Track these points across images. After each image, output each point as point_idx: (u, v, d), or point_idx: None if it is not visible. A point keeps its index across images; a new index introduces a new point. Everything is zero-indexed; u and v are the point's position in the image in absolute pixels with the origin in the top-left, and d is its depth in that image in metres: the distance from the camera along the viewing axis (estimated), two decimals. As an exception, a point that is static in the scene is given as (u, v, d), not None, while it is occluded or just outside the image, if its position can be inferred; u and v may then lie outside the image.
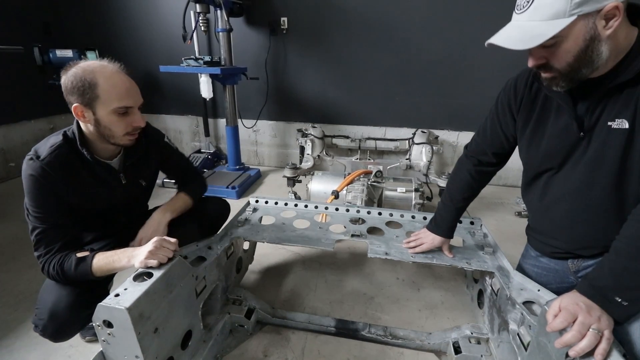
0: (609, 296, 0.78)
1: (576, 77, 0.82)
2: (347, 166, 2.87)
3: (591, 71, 0.81)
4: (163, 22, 3.26)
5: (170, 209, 1.27)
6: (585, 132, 0.90)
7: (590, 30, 0.75)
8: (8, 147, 3.05)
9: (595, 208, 0.94)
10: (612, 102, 0.84)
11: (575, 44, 0.77)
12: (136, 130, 1.10)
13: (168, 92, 3.50)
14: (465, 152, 1.31)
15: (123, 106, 1.03)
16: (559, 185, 1.01)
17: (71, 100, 1.00)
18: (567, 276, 1.10)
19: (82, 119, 1.03)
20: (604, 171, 0.88)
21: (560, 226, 1.05)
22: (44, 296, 1.06)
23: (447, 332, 1.33)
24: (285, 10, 3.02)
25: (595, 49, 0.77)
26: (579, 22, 0.74)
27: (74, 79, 0.98)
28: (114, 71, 1.03)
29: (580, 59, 0.78)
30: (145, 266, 0.96)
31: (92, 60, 1.04)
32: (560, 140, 0.95)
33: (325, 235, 1.43)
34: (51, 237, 1.03)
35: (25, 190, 1.02)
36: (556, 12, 0.74)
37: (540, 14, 0.76)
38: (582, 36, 0.76)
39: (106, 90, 0.99)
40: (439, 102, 3.03)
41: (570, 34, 0.76)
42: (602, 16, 0.73)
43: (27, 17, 3.11)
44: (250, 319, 1.37)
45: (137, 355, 0.88)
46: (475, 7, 2.67)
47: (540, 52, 0.82)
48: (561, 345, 0.78)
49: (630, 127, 0.81)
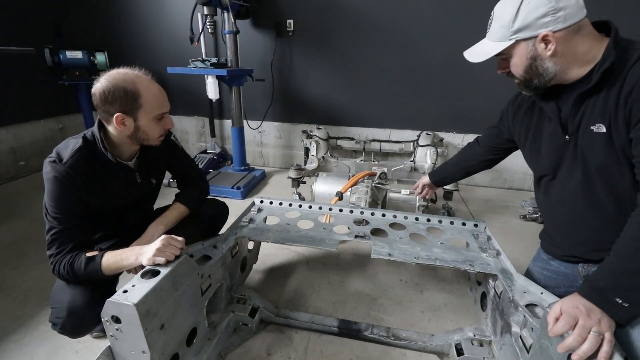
0: (609, 298, 0.79)
1: (531, 85, 0.99)
2: (351, 168, 2.88)
3: (545, 81, 0.96)
4: (171, 24, 3.30)
5: (164, 222, 1.28)
6: (570, 136, 0.98)
7: (530, 51, 0.93)
8: (18, 146, 3.11)
9: (595, 211, 0.97)
10: (590, 107, 0.92)
11: (520, 61, 0.96)
12: (166, 132, 1.20)
13: (175, 93, 3.54)
14: (477, 139, 1.53)
15: (161, 113, 1.11)
16: (558, 191, 1.07)
17: (111, 110, 1.04)
18: (576, 280, 1.11)
19: (121, 126, 1.07)
20: (594, 174, 0.94)
21: (564, 229, 1.09)
22: (59, 296, 1.08)
23: (449, 334, 1.33)
24: (292, 13, 3.04)
25: (540, 65, 0.93)
26: (520, 44, 0.93)
27: (115, 89, 1.02)
28: (150, 81, 1.10)
29: (529, 72, 0.96)
30: (153, 263, 0.98)
31: (125, 70, 1.08)
32: (550, 145, 1.05)
33: (329, 236, 1.45)
34: (65, 237, 1.06)
35: (46, 192, 1.04)
36: (500, 36, 0.95)
37: (493, 37, 0.97)
38: (525, 55, 0.94)
39: (148, 99, 1.07)
40: (443, 104, 3.03)
41: (515, 53, 0.95)
42: (539, 41, 0.90)
43: (38, 18, 3.17)
44: (254, 317, 1.39)
45: (144, 351, 0.89)
46: (480, 11, 2.66)
47: (501, 63, 1.02)
48: (564, 350, 0.78)
49: (607, 131, 0.88)
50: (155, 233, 1.22)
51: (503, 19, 0.92)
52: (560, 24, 0.87)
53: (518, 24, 0.89)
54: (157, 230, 1.23)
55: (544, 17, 0.86)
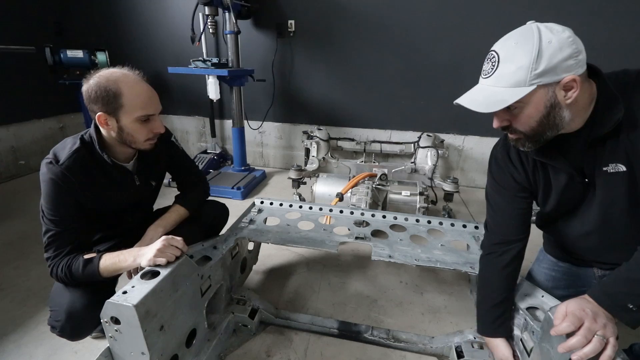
0: (620, 302, 0.80)
1: (541, 139, 0.87)
2: (352, 169, 2.88)
3: (556, 132, 0.86)
4: (172, 24, 3.30)
5: (163, 224, 1.26)
6: (589, 178, 0.92)
7: (550, 98, 0.80)
8: (18, 145, 3.11)
9: (624, 237, 0.95)
10: (599, 151, 0.87)
11: (536, 110, 0.82)
12: (156, 136, 1.14)
13: (176, 93, 3.54)
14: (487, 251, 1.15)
15: (145, 114, 1.07)
16: (579, 224, 1.01)
17: (94, 108, 1.02)
18: (590, 280, 1.11)
19: (105, 127, 1.05)
20: (617, 209, 0.91)
21: (596, 253, 1.06)
22: (58, 298, 1.07)
23: (449, 336, 1.33)
24: (293, 13, 3.04)
25: (557, 114, 0.82)
26: (539, 90, 0.79)
27: (98, 88, 1.00)
28: (136, 80, 1.06)
29: (543, 124, 0.84)
30: (153, 264, 0.97)
31: (114, 69, 1.06)
32: (569, 192, 0.97)
33: (329, 237, 1.44)
34: (62, 240, 1.05)
35: (43, 193, 1.04)
36: (517, 80, 0.79)
37: (504, 81, 0.81)
38: (543, 103, 0.81)
39: (130, 99, 1.03)
40: (444, 105, 3.02)
41: (531, 101, 0.81)
42: (561, 87, 0.79)
43: (39, 17, 3.17)
44: (254, 319, 1.38)
45: (143, 352, 0.89)
46: (482, 13, 2.68)
47: (504, 115, 0.87)
48: (565, 349, 0.78)
49: (628, 169, 0.84)
50: (154, 236, 1.21)
51: (520, 60, 0.78)
52: (580, 68, 0.79)
53: (542, 66, 0.76)
54: (156, 232, 1.22)
55: (568, 60, 0.77)
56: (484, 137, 3.04)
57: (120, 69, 1.07)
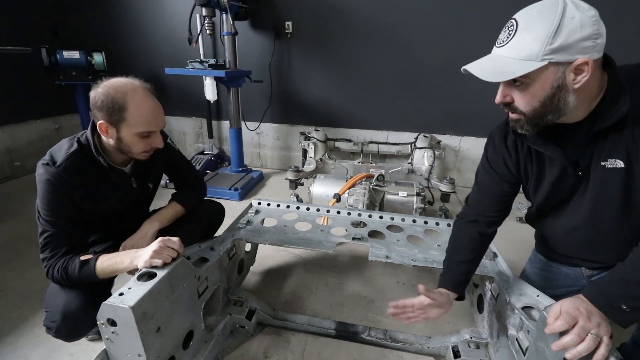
0: (615, 303, 0.80)
1: (541, 122, 0.85)
2: (349, 169, 2.88)
3: (557, 117, 0.84)
4: (169, 25, 3.30)
5: (159, 218, 1.27)
6: (583, 172, 0.91)
7: (558, 79, 0.77)
8: (14, 147, 3.09)
9: (611, 235, 0.95)
10: (599, 145, 0.86)
11: (542, 89, 0.79)
12: (153, 149, 1.14)
13: (173, 93, 3.53)
14: (461, 217, 1.20)
15: (146, 131, 1.07)
16: (568, 219, 1.02)
17: (98, 115, 1.03)
18: (579, 280, 1.11)
19: (104, 134, 1.06)
20: (609, 205, 0.90)
21: (580, 250, 1.06)
22: (53, 299, 1.07)
23: (446, 336, 1.34)
24: (290, 15, 3.05)
25: (562, 98, 0.79)
26: (549, 68, 0.76)
27: (105, 97, 1.00)
28: (145, 96, 1.06)
29: (546, 105, 0.81)
30: (150, 265, 0.97)
31: (126, 80, 1.06)
32: (561, 184, 0.97)
33: (326, 238, 1.44)
34: (58, 241, 1.04)
35: (39, 194, 1.03)
36: (529, 53, 0.76)
37: (516, 52, 0.78)
38: (550, 83, 0.78)
39: (134, 115, 1.03)
40: (441, 107, 3.05)
41: (539, 78, 0.78)
42: (572, 69, 0.75)
43: (35, 18, 3.16)
44: (251, 320, 1.38)
45: (140, 354, 0.89)
46: (478, 13, 2.69)
47: (508, 90, 0.85)
48: (559, 347, 0.78)
49: (626, 165, 0.83)
50: (149, 229, 1.21)
51: (537, 32, 0.74)
52: (597, 53, 0.75)
53: (559, 41, 0.72)
54: (151, 226, 1.22)
55: (587, 41, 0.73)
56: (480, 138, 3.06)
57: (132, 81, 1.06)
